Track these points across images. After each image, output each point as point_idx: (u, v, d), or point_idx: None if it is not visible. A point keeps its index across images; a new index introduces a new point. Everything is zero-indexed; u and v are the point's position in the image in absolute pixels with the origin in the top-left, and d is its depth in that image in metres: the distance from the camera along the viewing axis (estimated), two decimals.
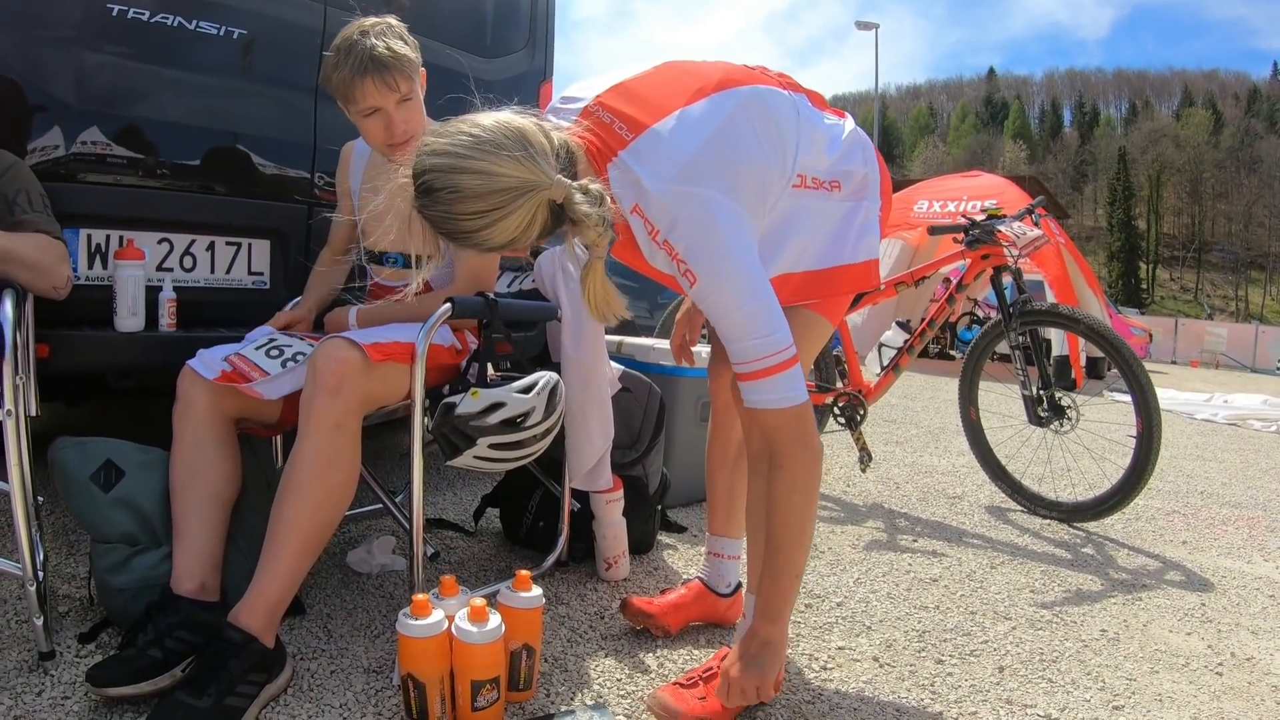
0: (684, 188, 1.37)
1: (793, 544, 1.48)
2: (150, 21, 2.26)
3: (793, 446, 1.45)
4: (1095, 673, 1.86)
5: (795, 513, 1.47)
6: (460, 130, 1.30)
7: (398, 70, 1.82)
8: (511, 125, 1.31)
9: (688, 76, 1.49)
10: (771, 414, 1.44)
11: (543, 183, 1.29)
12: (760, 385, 1.42)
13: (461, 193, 1.27)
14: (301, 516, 1.55)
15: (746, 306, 1.39)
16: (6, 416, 1.58)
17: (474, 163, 1.26)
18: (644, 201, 1.39)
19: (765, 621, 1.51)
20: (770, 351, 1.39)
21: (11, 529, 2.34)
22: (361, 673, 1.66)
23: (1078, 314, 3.04)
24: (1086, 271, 8.69)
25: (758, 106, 1.48)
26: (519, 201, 1.28)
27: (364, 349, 1.63)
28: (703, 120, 1.42)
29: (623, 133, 1.42)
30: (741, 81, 1.50)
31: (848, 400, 3.29)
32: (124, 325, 2.13)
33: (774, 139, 1.48)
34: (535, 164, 1.29)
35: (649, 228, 1.40)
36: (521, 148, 1.28)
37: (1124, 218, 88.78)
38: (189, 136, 2.37)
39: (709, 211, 1.37)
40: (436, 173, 1.28)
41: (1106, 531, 3.06)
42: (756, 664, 1.49)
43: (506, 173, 1.27)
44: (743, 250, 1.40)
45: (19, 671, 1.59)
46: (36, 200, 1.91)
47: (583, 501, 2.28)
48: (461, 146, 1.27)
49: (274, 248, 2.54)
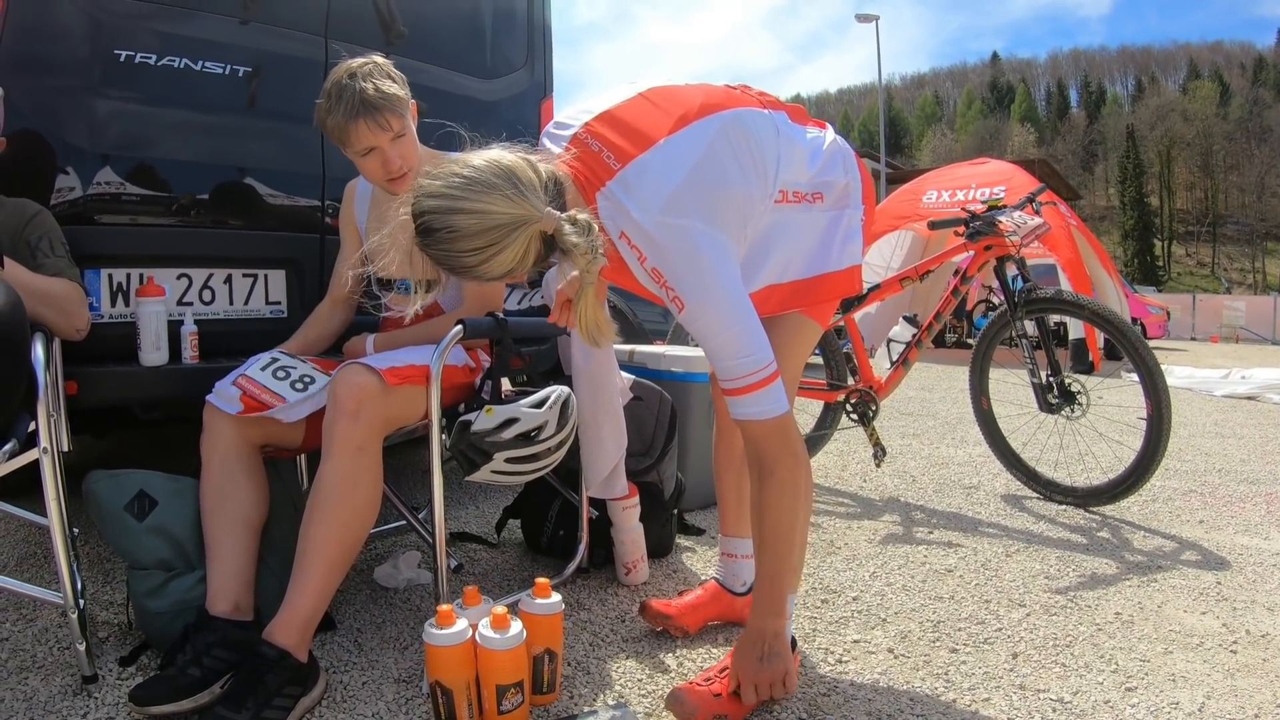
0: (669, 219, 1.43)
1: (785, 546, 1.56)
2: (157, 64, 2.32)
3: (778, 453, 1.53)
4: (1109, 655, 1.89)
5: (785, 516, 1.55)
6: (453, 171, 1.37)
7: (388, 110, 1.87)
8: (502, 163, 1.38)
9: (671, 103, 1.55)
10: (756, 425, 1.51)
11: (533, 216, 1.36)
12: (745, 399, 1.49)
13: (459, 232, 1.34)
14: (328, 536, 1.62)
15: (731, 329, 1.47)
16: (43, 454, 1.65)
17: (468, 203, 1.34)
18: (631, 231, 1.46)
19: (771, 616, 1.58)
20: (753, 369, 1.47)
21: (50, 560, 2.44)
22: (392, 683, 1.73)
23: (1082, 299, 3.07)
24: (1100, 253, 8.65)
25: (737, 130, 1.54)
26: (512, 236, 1.35)
27: (381, 374, 1.69)
28: (686, 150, 1.48)
29: (610, 162, 1.48)
30: (722, 105, 1.56)
31: (859, 397, 3.33)
32: (148, 360, 2.19)
33: (755, 160, 1.54)
34: (525, 199, 1.36)
35: (637, 255, 1.47)
36: (511, 185, 1.36)
37: (1136, 195, 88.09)
38: (201, 173, 2.43)
39: (694, 243, 1.44)
40: (434, 214, 1.35)
41: (1123, 514, 3.08)
42: (775, 655, 1.56)
43: (499, 210, 1.34)
44: (727, 278, 1.47)
45: (64, 696, 1.66)
46: (58, 246, 1.99)
47: (601, 509, 2.33)
48: (455, 188, 1.35)
49: (289, 277, 2.61)
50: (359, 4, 2.71)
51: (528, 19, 3.26)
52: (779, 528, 1.55)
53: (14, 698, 1.65)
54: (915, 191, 8.90)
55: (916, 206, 8.56)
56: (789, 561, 1.58)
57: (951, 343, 12.60)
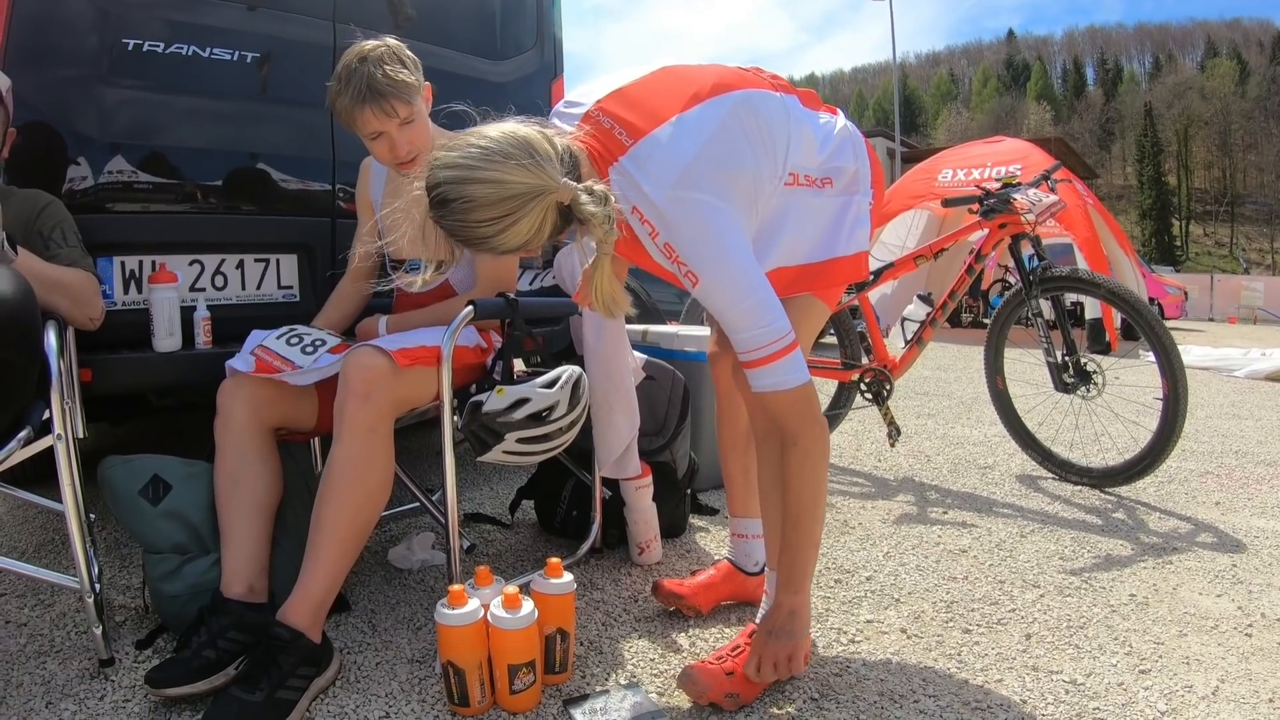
0: (681, 193, 1.43)
1: (810, 516, 1.55)
2: (165, 52, 2.32)
3: (801, 423, 1.52)
4: (1122, 637, 1.88)
5: (809, 486, 1.54)
6: (469, 143, 1.36)
7: (395, 96, 1.87)
8: (517, 134, 1.37)
9: (683, 82, 1.54)
10: (778, 396, 1.50)
11: (550, 186, 1.35)
12: (765, 370, 1.48)
13: (475, 202, 1.33)
14: (341, 518, 1.62)
15: (746, 302, 1.46)
16: (57, 440, 1.67)
17: (484, 173, 1.33)
18: (644, 206, 1.45)
19: (789, 592, 1.58)
20: (771, 339, 1.46)
21: (67, 546, 2.46)
22: (405, 663, 1.74)
23: (1097, 278, 3.04)
24: (1117, 232, 8.57)
25: (748, 110, 1.53)
26: (529, 206, 1.34)
27: (391, 355, 1.69)
28: (698, 126, 1.47)
29: (622, 138, 1.48)
30: (734, 86, 1.55)
31: (874, 376, 3.32)
32: (162, 346, 2.20)
33: (765, 141, 1.54)
34: (542, 169, 1.35)
35: (650, 230, 1.47)
36: (528, 155, 1.35)
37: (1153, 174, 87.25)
38: (211, 160, 2.43)
39: (705, 216, 1.43)
40: (450, 184, 1.34)
41: (1138, 495, 3.06)
42: (785, 633, 1.56)
43: (516, 179, 1.33)
44: (739, 250, 1.46)
45: (81, 679, 1.68)
46: (71, 236, 2.00)
47: (614, 489, 2.34)
48: (471, 158, 1.34)
49: (301, 261, 2.61)
50: None
51: (537, 0, 3.24)
52: (803, 497, 1.54)
53: (32, 681, 1.67)
54: (930, 170, 8.83)
55: (932, 185, 8.51)
56: (811, 534, 1.57)
57: (967, 322, 12.53)
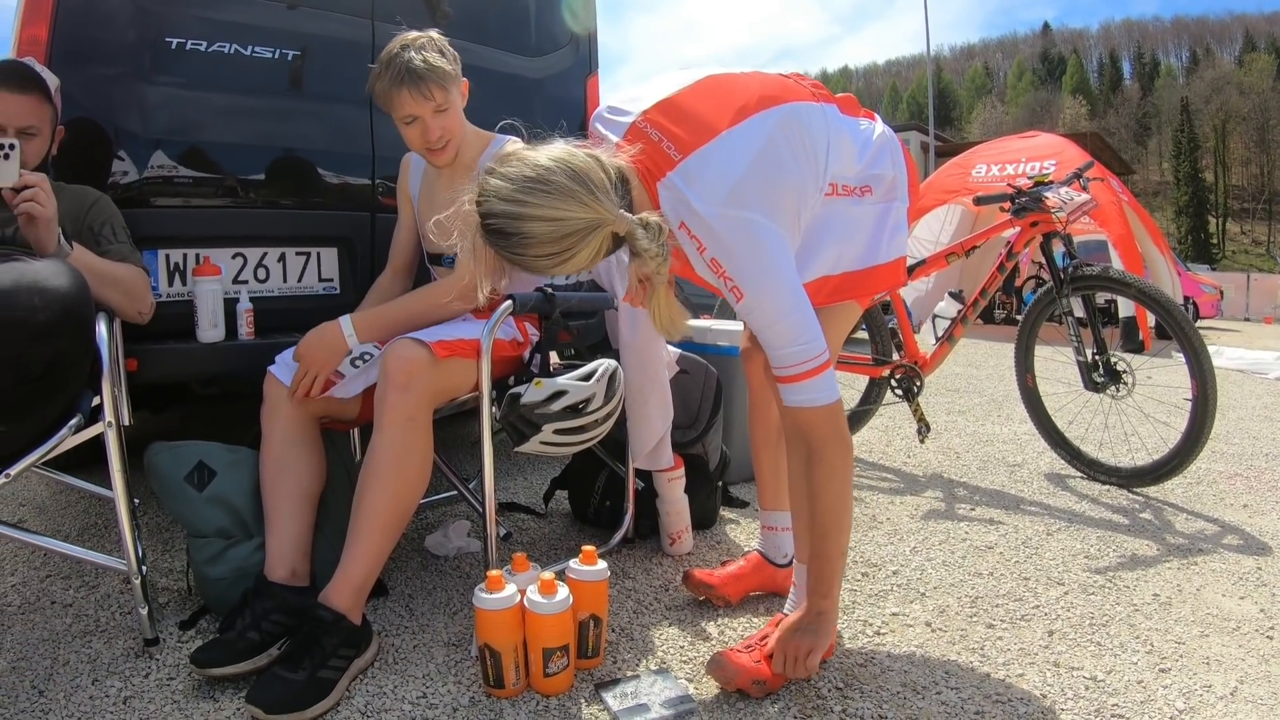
0: (731, 211, 1.45)
1: (836, 527, 1.59)
2: (208, 51, 2.38)
3: (828, 439, 1.56)
4: (1144, 636, 1.89)
5: (835, 499, 1.58)
6: (523, 173, 1.37)
7: (432, 82, 1.91)
8: (573, 165, 1.38)
9: (729, 94, 1.56)
10: (808, 412, 1.54)
11: (607, 220, 1.38)
12: (798, 386, 1.52)
13: (534, 238, 1.36)
14: (381, 504, 1.68)
15: (788, 319, 1.49)
16: (108, 427, 1.73)
17: (542, 210, 1.34)
18: (692, 221, 1.48)
19: (818, 596, 1.62)
20: (807, 357, 1.50)
21: (111, 530, 2.54)
22: (442, 646, 1.80)
23: (1128, 277, 3.04)
24: (1152, 229, 8.46)
25: (794, 124, 1.55)
26: (587, 240, 1.38)
27: (430, 346, 1.74)
28: (746, 143, 1.49)
29: (671, 152, 1.50)
30: (777, 98, 1.57)
31: (904, 372, 3.34)
32: (206, 337, 2.25)
33: (808, 154, 1.56)
34: (599, 203, 1.37)
35: (697, 245, 1.49)
36: (585, 188, 1.37)
37: (1190, 171, 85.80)
38: (253, 155, 2.49)
39: (754, 235, 1.46)
40: (507, 219, 1.36)
41: (1166, 496, 3.05)
42: (809, 630, 1.60)
43: (574, 216, 1.35)
44: (785, 269, 1.49)
45: (126, 658, 1.75)
46: (120, 232, 2.06)
47: (646, 480, 2.38)
48: (527, 193, 1.35)
49: (341, 254, 2.67)
50: None
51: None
52: (830, 511, 1.58)
53: (78, 659, 1.74)
54: (964, 165, 8.75)
55: (965, 180, 8.43)
56: (838, 543, 1.60)
57: (1001, 319, 12.44)
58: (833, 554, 1.60)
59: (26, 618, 1.96)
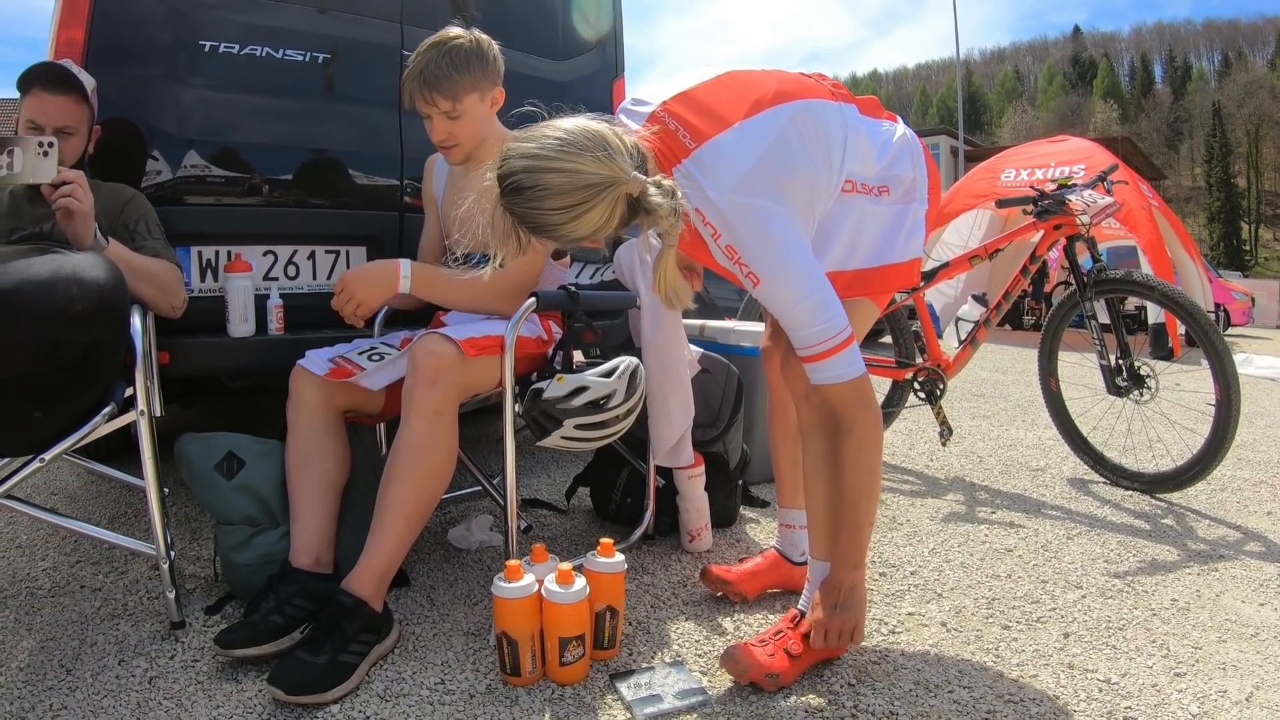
0: (742, 199, 1.49)
1: (866, 497, 1.63)
2: (240, 54, 2.44)
3: (857, 412, 1.59)
4: (1161, 640, 1.89)
5: (865, 470, 1.62)
6: (544, 134, 1.42)
7: (437, 90, 1.96)
8: (591, 128, 1.43)
9: (746, 88, 1.59)
10: (836, 387, 1.57)
11: (621, 178, 1.41)
12: (824, 364, 1.55)
13: (549, 190, 1.39)
14: (406, 494, 1.71)
15: (806, 301, 1.52)
16: (140, 416, 1.79)
17: (559, 162, 1.38)
18: (706, 208, 1.51)
19: (849, 569, 1.66)
20: (830, 335, 1.53)
21: (139, 519, 2.60)
22: (461, 635, 1.83)
23: (1152, 280, 3.02)
24: (1183, 235, 8.36)
25: (808, 119, 1.58)
26: (601, 196, 1.40)
27: (459, 344, 1.77)
28: (759, 134, 1.52)
29: (686, 140, 1.54)
30: (794, 95, 1.60)
31: (927, 375, 3.34)
32: (236, 331, 2.31)
33: (821, 150, 1.58)
34: (614, 161, 1.40)
35: (712, 231, 1.53)
36: (602, 148, 1.40)
37: (1222, 176, 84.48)
38: (284, 156, 2.55)
39: (764, 221, 1.49)
40: (525, 173, 1.39)
41: (1189, 502, 3.03)
42: (847, 607, 1.64)
43: (589, 170, 1.39)
44: (798, 252, 1.52)
45: (153, 640, 1.80)
46: (154, 229, 2.12)
47: (667, 478, 2.40)
48: (548, 148, 1.39)
49: (370, 253, 2.71)
50: None
51: None
52: (859, 482, 1.62)
53: (106, 641, 1.80)
54: (993, 169, 8.68)
55: (994, 185, 8.36)
56: (868, 515, 1.65)
57: (1029, 325, 12.30)
58: (862, 525, 1.65)
59: (56, 600, 2.02)
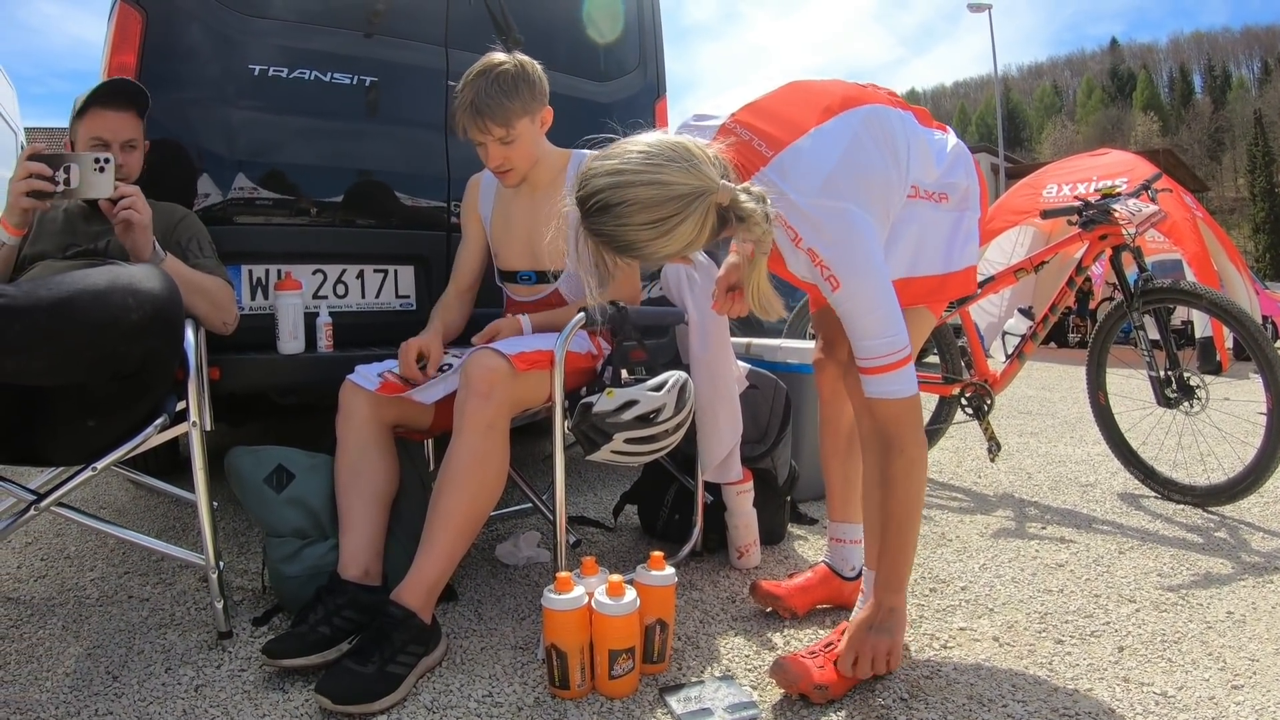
0: (826, 201, 1.50)
1: (910, 521, 1.62)
2: (289, 78, 2.50)
3: (906, 432, 1.59)
4: (1217, 653, 1.85)
5: (912, 492, 1.60)
6: (625, 150, 1.41)
7: (490, 117, 1.99)
8: (672, 140, 1.43)
9: (814, 95, 1.62)
10: (889, 404, 1.57)
11: (711, 187, 1.41)
12: (882, 379, 1.55)
13: (639, 204, 1.37)
14: (457, 507, 1.73)
15: (879, 311, 1.52)
16: (192, 427, 1.83)
17: (647, 175, 1.38)
18: (789, 213, 1.52)
19: (890, 592, 1.64)
20: (893, 350, 1.53)
21: (187, 533, 2.65)
22: (509, 649, 1.84)
23: (1199, 289, 2.98)
24: (1228, 246, 8.20)
25: (877, 122, 1.60)
26: (692, 207, 1.39)
27: (510, 358, 1.79)
28: (835, 138, 1.54)
29: (762, 149, 1.56)
30: (860, 100, 1.62)
31: (974, 390, 3.31)
32: (286, 348, 2.35)
33: (892, 152, 1.60)
34: (701, 171, 1.40)
35: (792, 235, 1.53)
36: (687, 158, 1.40)
37: (1266, 186, 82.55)
38: (333, 177, 2.60)
39: (849, 223, 1.50)
40: (611, 189, 1.38)
41: (1242, 515, 2.96)
42: (885, 630, 1.62)
43: (678, 181, 1.38)
44: (877, 259, 1.52)
45: (200, 649, 1.83)
46: (206, 247, 2.16)
47: (715, 494, 2.40)
48: (631, 163, 1.39)
49: (418, 272, 2.76)
50: (476, 13, 2.82)
51: (639, 21, 3.33)
52: (906, 503, 1.61)
53: (153, 650, 1.83)
54: (1035, 185, 8.60)
55: (1037, 201, 8.26)
56: (911, 538, 1.63)
57: (1074, 343, 12.11)
58: (906, 548, 1.63)
59: (104, 610, 2.07)
